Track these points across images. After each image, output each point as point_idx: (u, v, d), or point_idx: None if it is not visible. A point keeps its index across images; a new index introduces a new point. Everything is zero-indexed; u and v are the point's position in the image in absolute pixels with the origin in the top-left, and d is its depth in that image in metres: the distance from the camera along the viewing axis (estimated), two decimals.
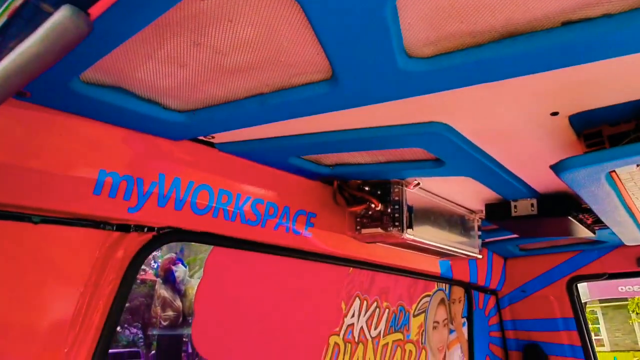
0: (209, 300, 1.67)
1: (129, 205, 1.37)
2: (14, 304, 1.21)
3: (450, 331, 3.02)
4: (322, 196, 1.98)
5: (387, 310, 2.45)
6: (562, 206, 1.97)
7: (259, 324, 1.81)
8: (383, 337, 2.41)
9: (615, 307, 24.16)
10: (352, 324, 2.22)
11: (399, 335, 2.53)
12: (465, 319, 3.17)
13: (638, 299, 23.08)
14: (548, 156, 1.59)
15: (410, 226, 1.94)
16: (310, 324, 2.03)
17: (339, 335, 2.14)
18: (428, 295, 2.80)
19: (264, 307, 1.85)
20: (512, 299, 3.59)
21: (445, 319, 2.97)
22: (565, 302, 3.34)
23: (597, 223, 2.19)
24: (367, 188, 1.93)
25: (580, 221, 2.09)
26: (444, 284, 2.98)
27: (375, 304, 2.37)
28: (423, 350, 2.72)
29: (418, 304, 2.71)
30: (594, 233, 2.30)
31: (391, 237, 1.94)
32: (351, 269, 2.23)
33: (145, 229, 1.46)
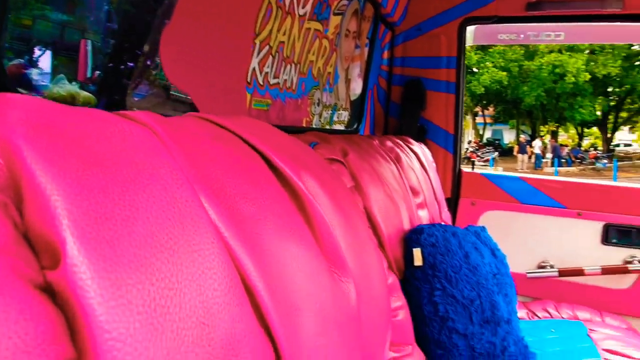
0: None
1: None
2: None
3: (356, 46, 3.03)
4: None
5: None
6: None
7: None
8: (307, 20, 2.26)
9: None
10: None
11: (319, 26, 2.41)
12: (368, 40, 3.19)
13: None
14: None
15: None
16: None
17: None
18: None
19: None
20: (407, 36, 3.71)
21: (355, 32, 2.93)
22: (453, 42, 3.58)
23: None
24: None
25: None
26: None
27: None
28: (334, 53, 2.70)
29: (339, 2, 2.56)
30: None
31: None
32: None
33: None
